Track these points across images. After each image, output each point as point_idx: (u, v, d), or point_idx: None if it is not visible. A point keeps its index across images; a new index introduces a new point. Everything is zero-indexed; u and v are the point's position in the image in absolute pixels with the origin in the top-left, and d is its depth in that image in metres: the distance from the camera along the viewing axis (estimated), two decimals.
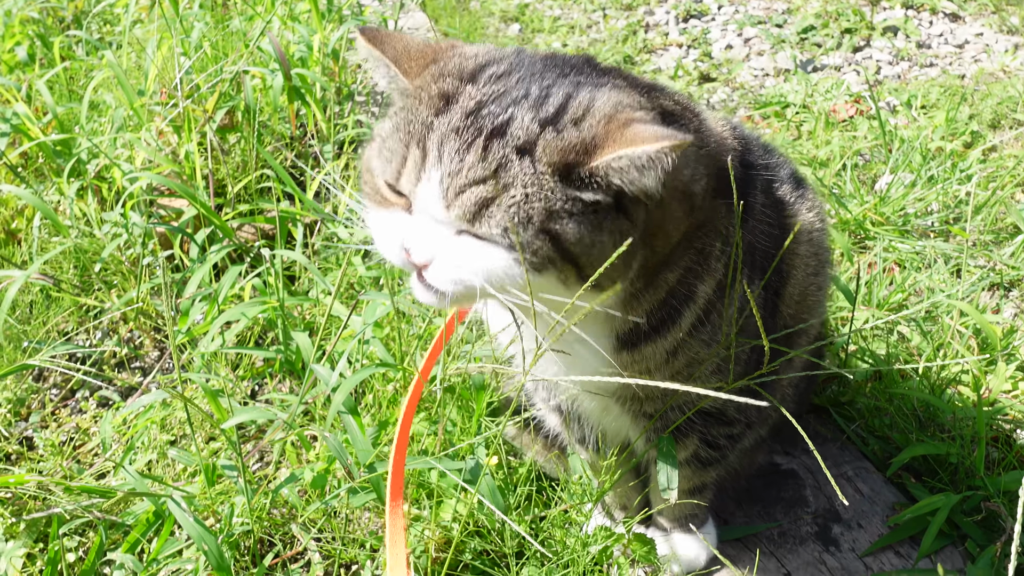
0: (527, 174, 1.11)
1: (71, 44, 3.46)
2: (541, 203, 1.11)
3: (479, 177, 1.11)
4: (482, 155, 1.12)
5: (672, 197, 1.22)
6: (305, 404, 1.98)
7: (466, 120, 1.14)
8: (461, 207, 1.12)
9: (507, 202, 1.11)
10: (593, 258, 1.14)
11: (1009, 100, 3.56)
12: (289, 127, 2.93)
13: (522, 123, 1.13)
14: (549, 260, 1.14)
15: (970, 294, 2.52)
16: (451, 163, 1.12)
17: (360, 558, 1.75)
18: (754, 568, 1.76)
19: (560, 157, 1.11)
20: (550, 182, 1.11)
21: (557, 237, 1.12)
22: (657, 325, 1.33)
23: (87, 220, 2.54)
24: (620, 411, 1.55)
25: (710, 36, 4.45)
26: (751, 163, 1.45)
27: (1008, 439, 2.03)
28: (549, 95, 1.17)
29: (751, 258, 1.42)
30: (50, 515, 1.71)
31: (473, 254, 1.14)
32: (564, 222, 1.12)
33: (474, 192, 1.11)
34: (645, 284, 1.29)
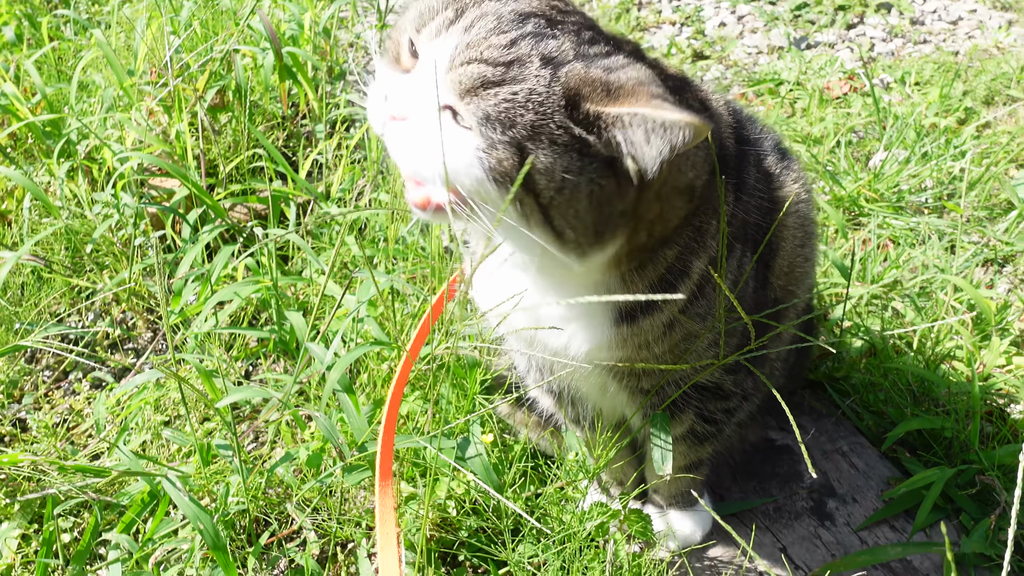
0: (539, 82, 1.09)
1: (59, 24, 3.42)
2: (532, 115, 1.09)
3: (493, 59, 1.10)
4: (509, 44, 1.10)
5: (675, 193, 1.23)
6: (300, 384, 1.97)
7: (513, 15, 1.13)
8: (460, 76, 1.10)
9: (503, 94, 1.09)
10: (558, 202, 1.12)
11: (1003, 76, 3.56)
12: (281, 106, 2.91)
13: (561, 45, 1.12)
14: (510, 177, 1.11)
15: (964, 270, 2.52)
16: (476, 35, 1.11)
17: (356, 536, 1.75)
18: (750, 543, 1.76)
19: (577, 84, 1.09)
20: (555, 103, 1.09)
21: (526, 157, 1.10)
22: (649, 302, 1.33)
23: (78, 201, 2.52)
24: (618, 388, 1.54)
25: (703, 14, 4.42)
26: (745, 138, 1.44)
27: (1002, 413, 2.03)
28: (596, 42, 1.16)
29: (744, 232, 1.42)
30: (44, 496, 1.70)
31: (446, 131, 1.12)
32: (541, 146, 1.10)
33: (480, 69, 1.09)
34: (645, 261, 1.29)
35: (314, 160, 2.76)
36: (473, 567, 1.77)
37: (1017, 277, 2.58)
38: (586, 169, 1.11)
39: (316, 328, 2.02)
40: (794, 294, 1.65)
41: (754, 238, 1.45)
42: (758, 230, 1.45)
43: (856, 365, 2.14)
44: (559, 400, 1.69)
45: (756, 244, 1.45)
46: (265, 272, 2.15)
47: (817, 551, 1.78)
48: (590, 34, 1.17)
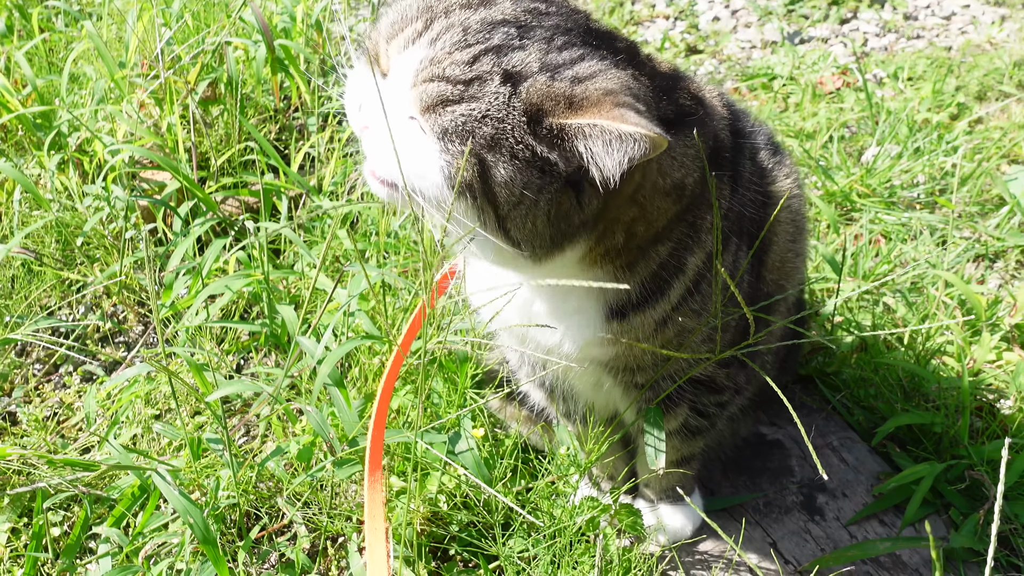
0: (499, 99, 1.09)
1: (50, 15, 3.40)
2: (491, 129, 1.09)
3: (453, 77, 1.10)
4: (471, 60, 1.10)
5: (659, 194, 1.22)
6: (291, 377, 1.97)
7: (480, 25, 1.13)
8: (422, 93, 1.11)
9: (461, 110, 1.09)
10: (516, 214, 1.13)
11: (995, 72, 3.56)
12: (273, 99, 2.90)
13: (527, 57, 1.11)
14: (468, 188, 1.12)
15: (955, 265, 2.53)
16: (439, 51, 1.11)
17: (346, 531, 1.75)
18: (740, 537, 1.77)
19: (539, 100, 1.09)
20: (515, 119, 1.09)
21: (487, 169, 1.10)
22: (646, 296, 1.33)
23: (69, 194, 2.51)
24: (612, 383, 1.55)
25: (697, 8, 4.42)
26: (740, 131, 1.45)
27: (992, 409, 2.04)
28: (570, 47, 1.15)
29: (740, 227, 1.42)
30: (34, 489, 1.70)
31: (409, 141, 1.13)
32: (502, 159, 1.10)
33: (439, 88, 1.10)
34: (635, 258, 1.29)
35: (306, 153, 2.76)
36: (464, 561, 1.77)
37: (1008, 272, 2.59)
38: (546, 188, 1.12)
39: (307, 322, 2.01)
40: (785, 288, 1.66)
41: (749, 232, 1.45)
42: (753, 224, 1.45)
43: (847, 360, 2.15)
44: (551, 395, 1.69)
45: (751, 238, 1.45)
46: (256, 266, 2.14)
47: (807, 545, 1.78)
48: (564, 39, 1.15)
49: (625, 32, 4.18)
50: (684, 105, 1.26)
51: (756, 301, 1.53)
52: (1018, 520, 1.80)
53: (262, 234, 2.11)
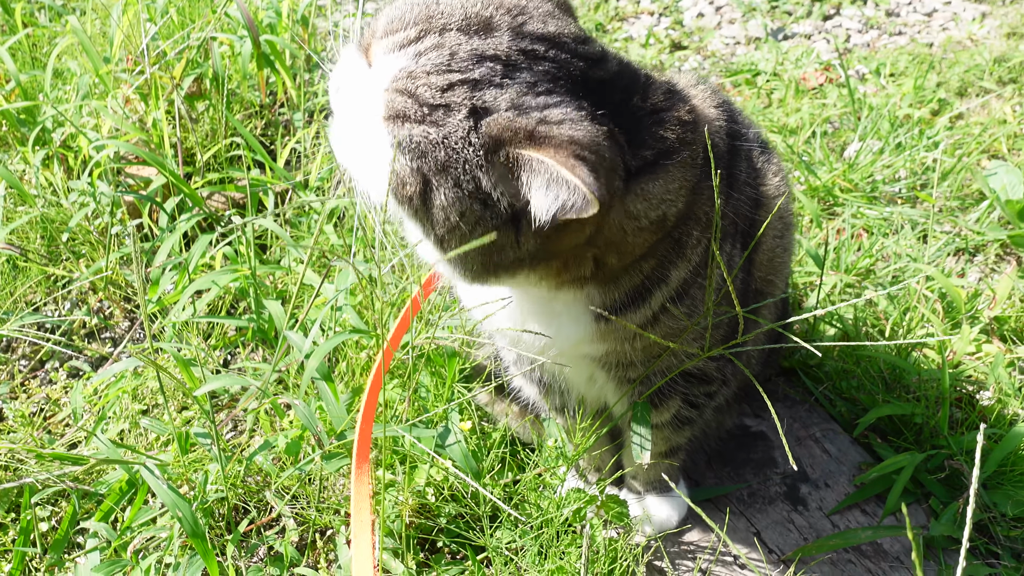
0: (459, 131, 1.10)
1: (33, 10, 3.39)
2: (444, 155, 1.10)
3: (422, 98, 1.10)
4: (445, 87, 1.10)
5: (633, 231, 1.22)
6: (279, 372, 1.98)
7: (470, 55, 1.12)
8: (391, 100, 1.12)
9: (420, 132, 1.10)
10: (451, 238, 1.15)
11: (976, 68, 3.60)
12: (259, 95, 2.90)
13: (500, 95, 1.11)
14: (409, 200, 1.14)
15: (936, 259, 2.56)
16: (419, 67, 1.11)
17: (335, 524, 1.76)
18: (724, 527, 1.79)
19: (498, 132, 1.09)
20: (472, 152, 1.10)
21: (429, 190, 1.12)
22: (631, 302, 1.35)
23: (53, 189, 2.50)
24: (605, 378, 1.57)
25: (682, 4, 4.44)
26: (736, 133, 1.46)
27: (971, 399, 2.07)
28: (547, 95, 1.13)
29: (734, 229, 1.44)
30: (22, 485, 1.70)
31: (369, 142, 1.15)
32: (445, 185, 1.11)
33: (406, 103, 1.11)
34: (619, 275, 1.31)
35: (292, 149, 2.76)
36: (452, 553, 1.79)
37: (988, 266, 2.63)
38: (483, 222, 1.13)
39: (295, 317, 2.02)
40: (773, 284, 1.68)
41: (743, 231, 1.47)
42: (746, 222, 1.48)
43: (830, 352, 2.17)
44: (544, 389, 1.70)
45: (744, 236, 1.47)
46: (243, 261, 2.15)
47: (790, 535, 1.81)
48: (548, 86, 1.13)
49: (611, 28, 4.20)
50: (669, 140, 1.23)
51: (746, 298, 1.56)
52: (997, 509, 1.83)
53: (249, 229, 2.12)
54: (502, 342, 1.55)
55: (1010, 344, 2.26)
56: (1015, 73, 3.58)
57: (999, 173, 2.76)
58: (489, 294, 1.42)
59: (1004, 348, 2.23)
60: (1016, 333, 2.29)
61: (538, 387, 1.71)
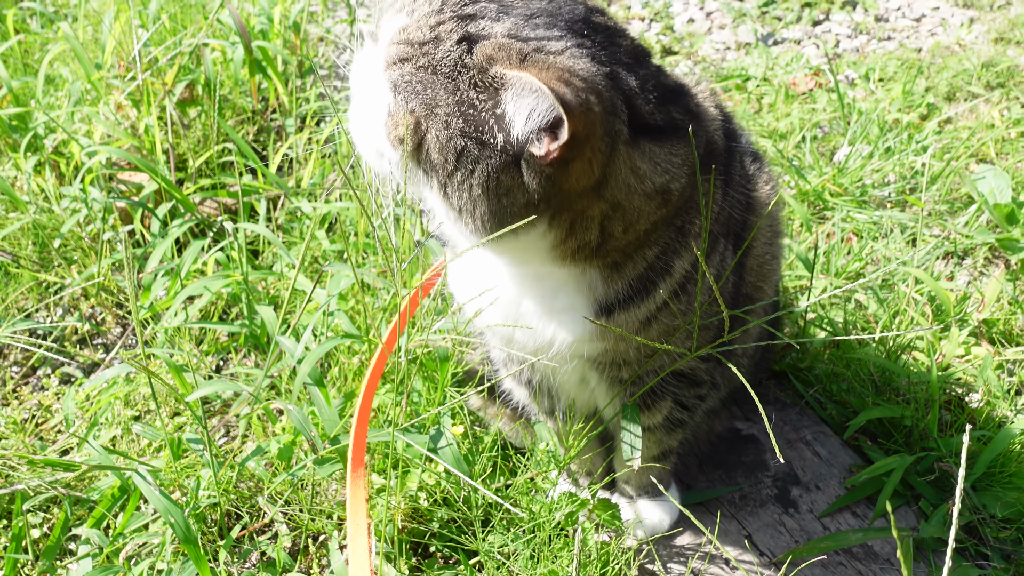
0: (450, 56, 1.13)
1: (25, 17, 3.39)
2: (434, 86, 1.13)
3: (414, 39, 1.15)
4: (435, 25, 1.15)
5: (636, 195, 1.22)
6: (271, 377, 1.98)
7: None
8: (387, 54, 1.17)
9: (412, 65, 1.14)
10: (454, 182, 1.16)
11: (964, 73, 3.62)
12: (251, 101, 2.90)
13: (494, 27, 1.14)
14: (401, 143, 1.16)
15: (925, 262, 2.58)
16: (412, 19, 1.17)
17: (327, 528, 1.76)
18: (716, 530, 1.80)
19: (492, 51, 1.12)
20: (463, 75, 1.12)
21: (420, 128, 1.14)
22: (632, 295, 1.35)
23: (45, 196, 2.50)
24: (597, 380, 1.57)
25: (672, 10, 4.46)
26: (732, 134, 1.48)
27: (960, 402, 2.08)
28: (544, 27, 1.16)
29: (727, 228, 1.45)
30: (13, 492, 1.70)
31: (374, 93, 1.19)
32: (439, 121, 1.13)
33: (401, 48, 1.16)
34: (622, 260, 1.31)
35: (284, 154, 2.76)
36: (444, 558, 1.79)
37: (976, 269, 2.64)
38: (483, 158, 1.13)
39: (287, 322, 2.03)
40: (762, 289, 1.69)
41: (735, 233, 1.48)
42: (738, 225, 1.49)
43: (820, 356, 2.19)
44: (535, 392, 1.71)
45: (736, 239, 1.48)
46: (235, 267, 2.15)
47: (781, 537, 1.82)
48: (544, 20, 1.16)
49: None
50: (676, 118, 1.26)
51: (737, 301, 1.57)
52: (986, 510, 1.84)
53: (240, 235, 2.12)
54: (494, 340, 1.55)
55: (999, 346, 2.28)
56: (1003, 78, 3.61)
57: (987, 177, 2.77)
58: (484, 287, 1.42)
59: (993, 351, 2.25)
60: (1005, 335, 2.31)
61: (527, 389, 1.71)
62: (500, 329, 1.46)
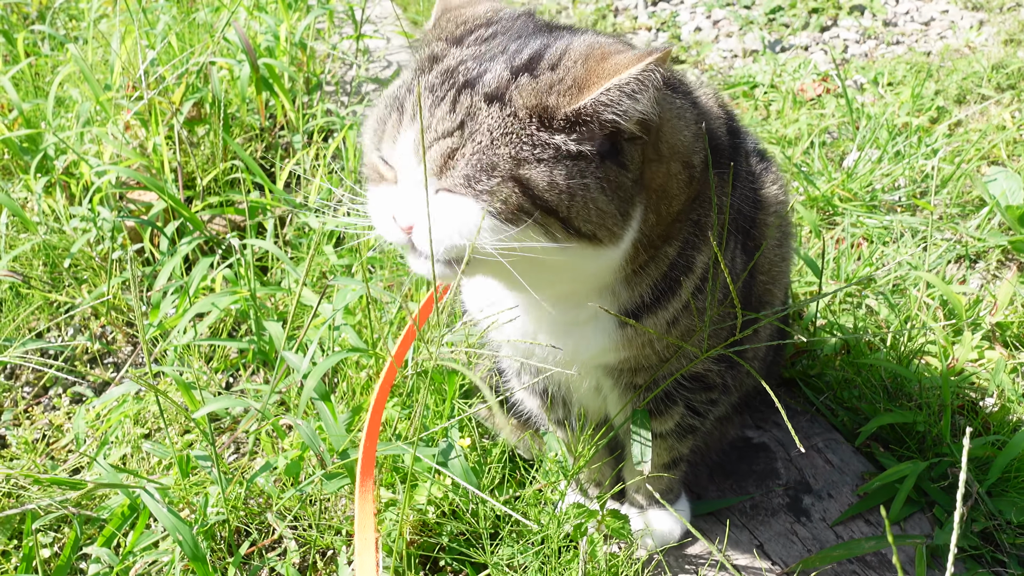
0: (495, 120, 1.12)
1: (36, 40, 3.43)
2: (507, 148, 1.12)
3: (446, 130, 1.13)
4: (451, 107, 1.14)
5: (674, 157, 1.25)
6: (279, 393, 1.98)
7: (441, 77, 1.17)
8: (430, 159, 1.14)
9: (471, 149, 1.12)
10: (577, 207, 1.14)
11: (974, 75, 3.60)
12: (258, 118, 2.92)
13: (494, 74, 1.15)
14: (521, 210, 1.13)
15: (937, 266, 2.55)
16: (417, 122, 1.14)
17: (336, 544, 1.76)
18: (724, 539, 1.78)
19: (537, 100, 1.12)
20: (524, 127, 1.12)
21: (527, 184, 1.12)
22: (658, 297, 1.36)
23: (56, 216, 2.52)
24: (611, 386, 1.57)
25: (679, 19, 4.46)
26: (736, 131, 1.50)
27: (974, 406, 2.06)
28: (525, 47, 1.19)
29: (736, 224, 1.46)
30: (24, 511, 1.70)
31: (448, 210, 1.14)
32: (533, 167, 1.12)
33: (441, 144, 1.13)
34: (648, 259, 1.32)
35: (291, 171, 2.78)
36: (454, 572, 1.78)
37: (989, 272, 2.62)
38: (587, 170, 1.14)
39: (294, 337, 2.03)
40: (772, 293, 1.69)
41: (745, 230, 1.49)
42: (748, 223, 1.50)
43: (831, 362, 2.17)
44: (547, 402, 1.70)
45: (747, 236, 1.49)
46: (244, 283, 2.16)
47: (793, 547, 1.80)
48: (517, 43, 1.20)
49: None
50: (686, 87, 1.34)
51: (749, 300, 1.57)
52: (1002, 516, 1.82)
53: (248, 251, 2.13)
54: (511, 353, 1.53)
55: (1012, 350, 2.25)
56: (1014, 79, 3.58)
57: (999, 179, 2.75)
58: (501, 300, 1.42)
59: (1007, 354, 2.22)
60: (1019, 339, 2.28)
61: (540, 399, 1.71)
62: (519, 344, 1.45)
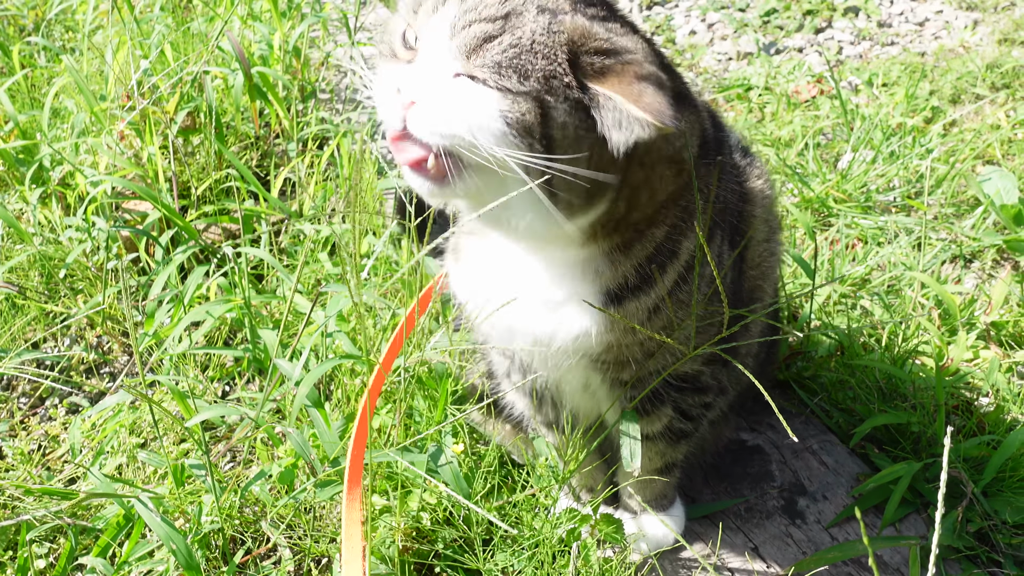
0: (539, 28, 1.12)
1: (32, 52, 3.44)
2: (542, 60, 1.11)
3: (491, 15, 1.12)
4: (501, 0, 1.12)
5: (661, 161, 1.25)
6: (275, 401, 1.98)
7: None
8: (463, 39, 1.12)
9: (509, 41, 1.11)
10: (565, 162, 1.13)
11: (968, 75, 3.60)
12: (252, 126, 2.93)
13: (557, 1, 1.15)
14: (531, 132, 1.12)
15: (931, 266, 2.55)
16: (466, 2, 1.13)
17: (330, 552, 1.76)
18: (717, 542, 1.78)
19: (579, 37, 1.12)
20: (559, 51, 1.12)
21: (548, 110, 1.12)
22: (642, 282, 1.36)
23: (51, 227, 2.53)
24: (599, 382, 1.56)
25: (674, 23, 4.47)
26: (720, 124, 1.51)
27: (969, 406, 2.06)
28: (593, 5, 1.19)
29: (723, 216, 1.46)
30: (18, 522, 1.71)
31: (463, 96, 1.13)
32: (560, 100, 1.12)
33: (481, 27, 1.12)
34: (633, 238, 1.32)
35: (286, 178, 2.78)
36: None
37: (984, 272, 2.62)
38: (590, 133, 1.14)
39: (287, 344, 2.03)
40: (762, 288, 1.69)
41: (731, 224, 1.49)
42: (735, 216, 1.50)
43: (825, 364, 2.17)
44: (537, 401, 1.70)
45: (734, 230, 1.49)
46: (239, 291, 2.16)
47: (789, 549, 1.79)
48: None
49: None
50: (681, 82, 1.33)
51: (739, 294, 1.57)
52: (998, 516, 1.81)
53: (243, 259, 2.13)
54: (500, 338, 1.52)
55: (1007, 349, 2.25)
56: (1008, 78, 3.58)
57: (993, 178, 2.75)
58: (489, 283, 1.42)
59: (1002, 353, 2.22)
60: (1013, 338, 2.28)
61: (530, 398, 1.71)
62: (502, 325, 1.45)
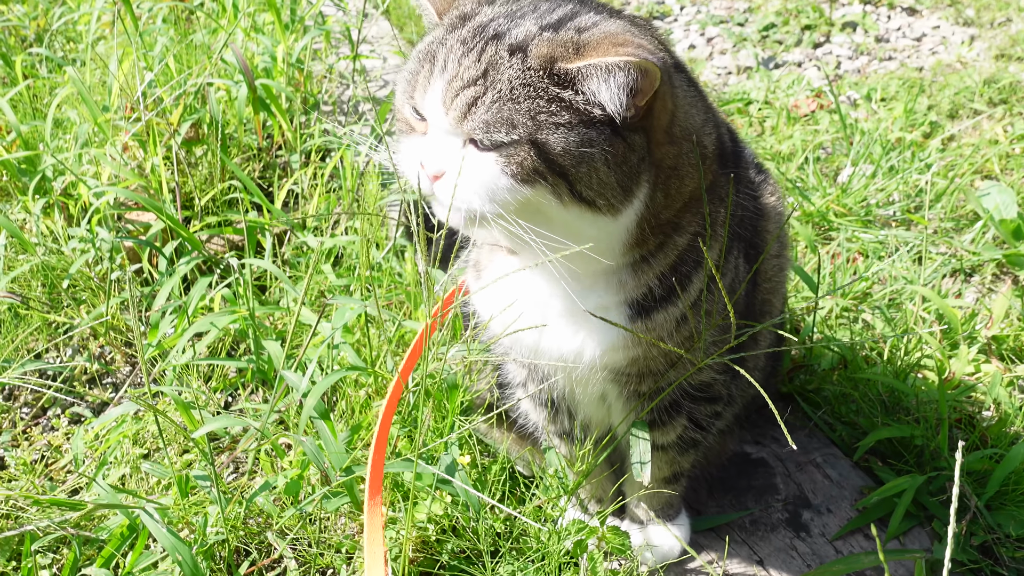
0: (514, 71, 1.17)
1: (34, 63, 3.44)
2: (528, 102, 1.16)
3: (471, 78, 1.18)
4: (477, 57, 1.18)
5: (685, 137, 1.28)
6: (278, 412, 1.98)
7: (473, 31, 1.22)
8: (456, 109, 1.18)
9: (491, 97, 1.16)
10: (582, 174, 1.18)
11: (966, 90, 3.63)
12: (255, 138, 2.93)
13: (522, 28, 1.21)
14: (536, 172, 1.17)
15: (932, 280, 2.57)
16: (451, 69, 1.19)
17: (336, 563, 1.76)
18: (724, 555, 1.78)
19: (548, 49, 1.17)
20: (538, 78, 1.17)
21: (543, 146, 1.16)
22: (668, 292, 1.37)
23: (54, 237, 2.53)
24: (617, 394, 1.57)
25: (673, 37, 4.49)
26: (736, 138, 1.54)
27: (971, 420, 2.06)
28: (558, 8, 1.25)
29: (740, 230, 1.48)
30: (22, 533, 1.70)
31: (469, 166, 1.19)
32: (551, 131, 1.16)
33: (467, 93, 1.18)
34: (657, 246, 1.34)
35: (289, 190, 2.79)
36: None
37: (984, 286, 2.63)
38: (596, 140, 1.18)
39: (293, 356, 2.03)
40: (771, 303, 1.71)
41: (747, 238, 1.51)
42: (749, 231, 1.52)
43: (828, 377, 2.17)
44: (552, 412, 1.70)
45: (749, 245, 1.51)
46: (243, 302, 2.16)
47: (793, 562, 1.80)
48: (550, 5, 1.26)
49: None
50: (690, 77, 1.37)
51: (752, 308, 1.58)
52: (1001, 529, 1.82)
53: (247, 270, 2.14)
54: (521, 355, 1.53)
55: (1008, 363, 2.26)
56: (1005, 94, 3.61)
57: (992, 193, 2.77)
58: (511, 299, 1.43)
59: (1003, 367, 2.23)
60: (1015, 352, 2.29)
61: (546, 410, 1.71)
62: (527, 342, 1.46)
